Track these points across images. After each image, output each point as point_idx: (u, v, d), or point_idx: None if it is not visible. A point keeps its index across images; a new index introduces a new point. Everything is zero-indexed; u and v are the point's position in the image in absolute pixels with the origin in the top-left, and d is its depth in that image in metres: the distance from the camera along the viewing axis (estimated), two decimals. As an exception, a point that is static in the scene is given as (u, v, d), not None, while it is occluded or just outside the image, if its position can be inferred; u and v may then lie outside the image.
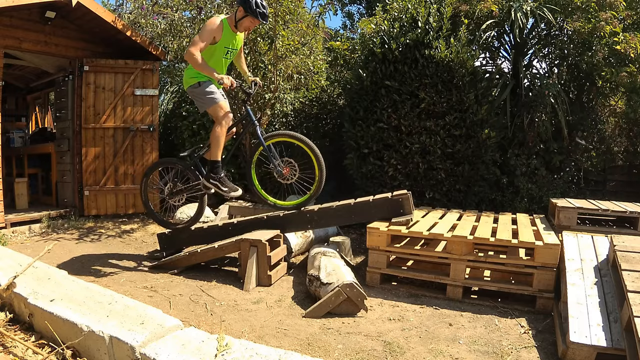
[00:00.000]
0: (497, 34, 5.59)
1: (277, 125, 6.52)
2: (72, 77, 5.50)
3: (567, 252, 2.92)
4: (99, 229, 5.20)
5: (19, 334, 1.99)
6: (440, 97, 4.53)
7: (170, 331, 1.75)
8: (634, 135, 5.51)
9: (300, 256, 4.20)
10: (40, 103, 8.42)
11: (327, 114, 6.35)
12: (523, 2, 4.74)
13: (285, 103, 6.27)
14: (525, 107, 5.10)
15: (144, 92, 5.65)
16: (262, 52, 5.54)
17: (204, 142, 6.09)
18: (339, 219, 3.83)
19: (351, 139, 5.02)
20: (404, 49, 4.66)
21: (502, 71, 5.55)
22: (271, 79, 5.60)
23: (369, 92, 4.85)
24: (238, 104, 5.39)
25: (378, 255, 3.42)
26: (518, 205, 4.84)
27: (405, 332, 2.62)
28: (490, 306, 3.03)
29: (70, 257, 4.08)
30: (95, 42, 5.63)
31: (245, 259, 3.43)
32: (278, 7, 5.12)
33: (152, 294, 3.19)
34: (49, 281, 2.29)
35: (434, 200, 4.74)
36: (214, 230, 4.01)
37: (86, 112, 5.44)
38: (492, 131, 4.60)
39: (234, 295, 3.20)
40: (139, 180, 5.70)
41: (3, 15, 4.61)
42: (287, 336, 2.55)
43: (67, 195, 5.63)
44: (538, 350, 2.40)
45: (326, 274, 2.97)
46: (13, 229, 4.80)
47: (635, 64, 4.71)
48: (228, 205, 5.47)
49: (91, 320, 1.79)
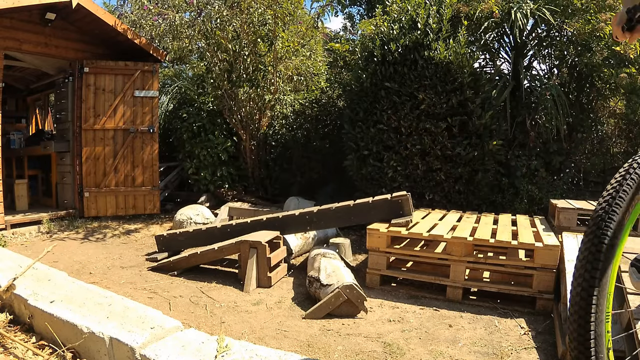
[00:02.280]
0: (497, 35, 5.60)
1: (277, 127, 6.53)
2: (72, 79, 5.51)
3: (567, 253, 2.92)
4: (99, 230, 5.20)
5: (19, 335, 1.99)
6: (440, 98, 4.53)
7: (170, 332, 1.75)
8: (633, 137, 5.52)
9: (300, 257, 4.20)
10: (40, 105, 8.42)
11: (327, 115, 6.35)
12: (523, 3, 4.74)
13: (285, 105, 6.28)
14: (525, 108, 5.11)
15: (143, 93, 5.66)
16: (262, 53, 5.55)
17: (204, 143, 6.13)
18: (338, 221, 3.83)
19: (351, 141, 5.02)
20: (403, 51, 4.66)
21: (502, 72, 5.56)
22: (271, 80, 5.61)
23: (368, 94, 4.86)
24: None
25: (378, 257, 3.42)
26: (518, 207, 4.84)
27: (405, 333, 2.62)
28: (490, 307, 3.03)
29: (70, 259, 4.08)
30: (95, 43, 5.64)
31: (245, 260, 3.43)
32: (277, 9, 5.13)
33: (152, 296, 3.19)
34: (49, 282, 2.29)
35: (433, 202, 4.74)
36: (213, 232, 4.01)
37: (86, 114, 5.45)
38: (499, 139, 4.60)
39: (234, 297, 3.20)
40: (139, 182, 5.73)
41: (3, 17, 4.61)
42: (287, 337, 2.55)
43: (67, 196, 5.64)
44: (538, 352, 2.40)
45: (326, 276, 2.97)
46: (13, 230, 4.81)
47: (635, 65, 4.72)
48: (228, 207, 5.48)
49: (91, 322, 1.79)
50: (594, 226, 1.16)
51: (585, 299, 1.13)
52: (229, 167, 6.31)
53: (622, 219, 1.15)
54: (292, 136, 6.37)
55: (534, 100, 5.07)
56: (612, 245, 1.13)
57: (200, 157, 6.20)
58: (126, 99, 5.59)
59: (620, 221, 1.14)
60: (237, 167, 6.40)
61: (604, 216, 1.14)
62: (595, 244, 1.14)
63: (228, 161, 6.28)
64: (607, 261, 1.13)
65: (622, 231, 1.15)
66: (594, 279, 1.12)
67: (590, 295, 1.12)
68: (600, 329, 1.14)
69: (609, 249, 1.12)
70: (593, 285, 1.12)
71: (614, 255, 1.14)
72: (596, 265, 1.13)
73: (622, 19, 1.37)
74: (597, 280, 1.12)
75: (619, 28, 1.38)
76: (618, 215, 1.14)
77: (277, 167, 6.40)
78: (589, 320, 1.12)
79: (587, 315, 1.12)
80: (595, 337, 1.12)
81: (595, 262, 1.13)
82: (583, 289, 1.14)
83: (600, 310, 1.13)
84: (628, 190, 1.16)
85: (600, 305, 1.14)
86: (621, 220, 1.15)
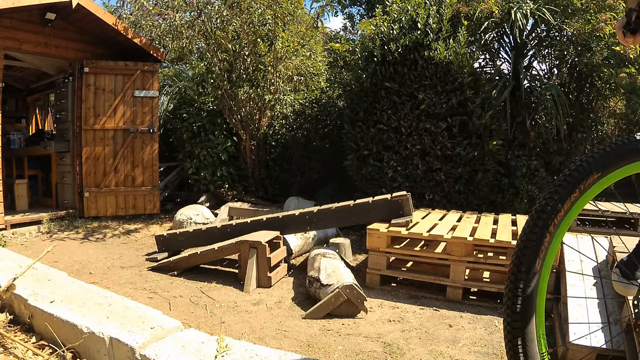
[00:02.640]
0: (497, 35, 5.60)
1: (277, 127, 6.53)
2: (72, 79, 5.51)
3: (567, 253, 2.92)
4: (99, 230, 5.20)
5: (19, 335, 1.99)
6: (440, 98, 4.53)
7: (170, 332, 1.75)
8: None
9: (300, 257, 4.20)
10: (40, 105, 8.42)
11: (327, 115, 6.36)
12: (523, 3, 4.74)
13: (285, 105, 6.27)
14: (525, 108, 5.11)
15: (144, 93, 5.66)
16: (262, 53, 5.55)
17: (204, 143, 6.13)
18: (338, 221, 3.83)
19: (351, 141, 5.02)
20: (403, 51, 4.66)
21: (502, 72, 5.56)
22: (271, 80, 5.61)
23: (368, 94, 4.86)
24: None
25: (378, 257, 3.42)
26: (518, 207, 4.84)
27: (405, 333, 2.62)
28: (490, 307, 3.03)
29: (70, 259, 4.08)
30: (95, 43, 5.64)
31: (245, 260, 3.43)
32: (277, 9, 5.13)
33: (152, 296, 3.19)
34: (49, 282, 2.29)
35: (433, 202, 4.74)
36: (213, 232, 4.01)
37: (86, 114, 5.45)
38: (499, 139, 4.60)
39: (233, 297, 3.20)
40: (139, 182, 5.73)
41: (3, 17, 4.61)
42: (287, 337, 2.55)
43: (67, 196, 5.63)
44: (538, 352, 2.40)
45: (326, 276, 2.97)
46: (13, 230, 4.80)
47: (635, 65, 4.71)
48: (228, 207, 5.48)
49: (91, 322, 1.79)
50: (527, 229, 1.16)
51: (514, 298, 1.14)
52: (229, 167, 6.31)
53: (553, 220, 1.15)
54: (292, 136, 6.37)
55: (534, 100, 5.07)
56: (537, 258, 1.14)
57: (200, 157, 6.20)
58: (126, 99, 5.59)
59: (549, 220, 1.14)
60: (237, 167, 6.40)
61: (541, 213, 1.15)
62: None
63: (228, 161, 6.28)
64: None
65: (557, 229, 1.15)
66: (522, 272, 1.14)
67: (518, 295, 1.14)
68: (531, 335, 1.14)
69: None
70: (520, 278, 1.14)
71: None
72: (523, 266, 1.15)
73: (622, 22, 1.36)
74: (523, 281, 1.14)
75: (620, 32, 1.37)
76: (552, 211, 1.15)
77: (277, 167, 6.40)
78: (517, 326, 1.14)
79: (514, 314, 1.14)
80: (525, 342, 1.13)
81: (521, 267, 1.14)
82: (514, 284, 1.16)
83: (529, 316, 1.14)
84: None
85: (530, 310, 1.14)
86: (551, 220, 1.14)
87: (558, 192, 1.15)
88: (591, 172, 1.14)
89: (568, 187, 1.14)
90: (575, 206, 1.15)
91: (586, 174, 1.14)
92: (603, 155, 1.15)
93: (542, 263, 1.14)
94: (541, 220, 1.14)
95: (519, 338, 1.14)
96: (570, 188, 1.14)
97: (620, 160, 1.14)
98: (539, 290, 1.15)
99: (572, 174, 1.15)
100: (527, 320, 1.14)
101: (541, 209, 1.15)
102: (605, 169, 1.14)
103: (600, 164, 1.14)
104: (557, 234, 1.15)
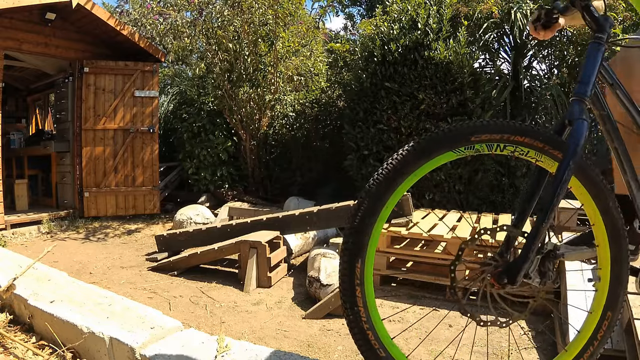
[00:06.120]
0: (497, 35, 5.60)
1: (277, 127, 6.53)
2: (72, 79, 5.51)
3: (567, 253, 2.92)
4: (99, 230, 5.20)
5: (19, 335, 1.99)
6: (440, 98, 4.53)
7: (170, 332, 1.75)
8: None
9: (300, 257, 4.20)
10: (40, 105, 8.42)
11: (327, 115, 6.36)
12: (523, 3, 4.75)
13: (285, 105, 6.28)
14: (525, 108, 5.11)
15: (144, 93, 5.66)
16: (263, 53, 5.55)
17: (204, 144, 6.13)
18: (338, 221, 3.83)
19: (351, 141, 5.02)
20: (403, 51, 4.66)
21: (502, 72, 5.56)
22: (271, 80, 5.61)
23: (368, 94, 4.86)
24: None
25: (378, 257, 3.41)
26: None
27: (405, 333, 2.62)
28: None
29: (70, 259, 4.08)
30: (95, 43, 5.64)
31: (245, 260, 3.43)
32: (278, 9, 5.13)
33: (152, 296, 3.19)
34: (49, 282, 2.29)
35: (433, 202, 4.74)
36: (213, 232, 4.01)
37: (86, 114, 5.45)
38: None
39: (234, 297, 3.20)
40: (140, 182, 5.73)
41: (3, 17, 4.61)
42: (287, 337, 2.55)
43: (67, 196, 5.63)
44: (538, 352, 2.40)
45: (326, 275, 2.97)
46: (13, 230, 4.80)
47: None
48: (228, 207, 5.48)
49: (91, 322, 1.79)
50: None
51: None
52: (229, 167, 6.31)
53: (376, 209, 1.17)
54: (292, 136, 6.37)
55: (534, 100, 5.07)
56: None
57: (200, 157, 6.20)
58: (126, 99, 5.59)
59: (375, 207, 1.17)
60: (237, 167, 6.40)
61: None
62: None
63: (228, 161, 6.28)
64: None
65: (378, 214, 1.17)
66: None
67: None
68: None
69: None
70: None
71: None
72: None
73: (534, 17, 1.42)
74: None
75: (532, 25, 1.44)
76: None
77: (277, 167, 6.40)
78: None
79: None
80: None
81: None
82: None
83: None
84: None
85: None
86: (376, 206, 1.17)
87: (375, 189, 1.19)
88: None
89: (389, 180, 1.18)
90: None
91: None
92: (412, 153, 1.18)
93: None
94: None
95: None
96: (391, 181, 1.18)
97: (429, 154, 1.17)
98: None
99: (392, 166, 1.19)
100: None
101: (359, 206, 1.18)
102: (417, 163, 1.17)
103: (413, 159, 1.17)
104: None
